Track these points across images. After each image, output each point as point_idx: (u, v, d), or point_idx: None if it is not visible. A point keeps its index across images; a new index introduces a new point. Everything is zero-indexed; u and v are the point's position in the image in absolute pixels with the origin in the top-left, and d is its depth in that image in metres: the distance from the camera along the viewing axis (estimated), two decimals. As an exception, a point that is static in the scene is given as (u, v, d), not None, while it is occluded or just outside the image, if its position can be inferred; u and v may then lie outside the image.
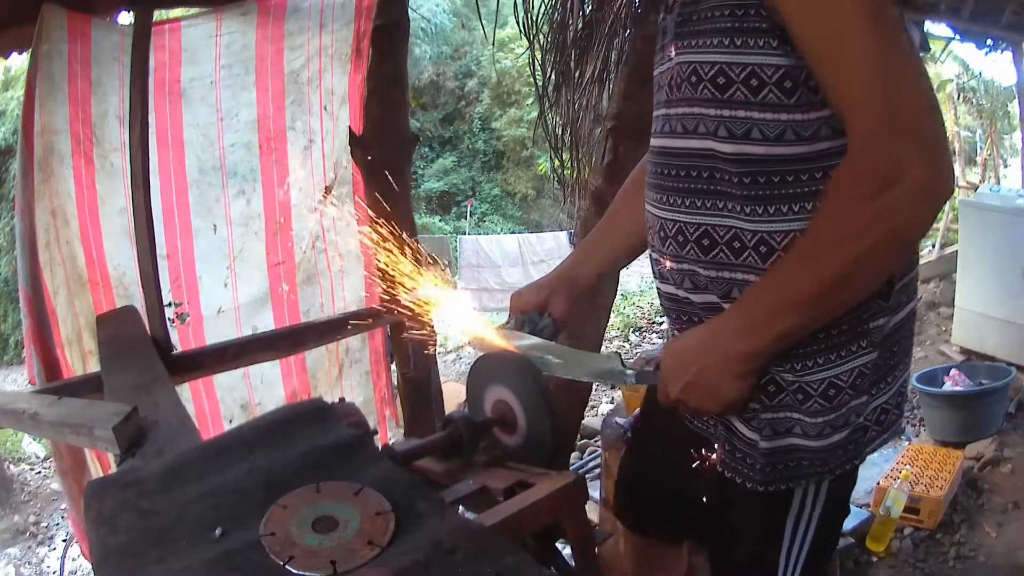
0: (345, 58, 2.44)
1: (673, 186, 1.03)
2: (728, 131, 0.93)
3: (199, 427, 2.40)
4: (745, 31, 0.88)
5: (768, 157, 0.91)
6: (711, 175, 0.97)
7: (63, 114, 1.99)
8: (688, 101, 0.97)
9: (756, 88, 0.89)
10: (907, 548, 2.78)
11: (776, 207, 0.93)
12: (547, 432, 1.10)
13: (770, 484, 1.02)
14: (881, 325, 0.97)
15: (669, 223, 1.04)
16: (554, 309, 1.28)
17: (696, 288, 1.03)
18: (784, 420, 0.99)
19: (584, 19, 3.20)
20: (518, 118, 16.96)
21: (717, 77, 0.92)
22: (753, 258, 0.95)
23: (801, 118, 0.89)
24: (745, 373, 0.94)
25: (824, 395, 0.97)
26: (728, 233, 0.97)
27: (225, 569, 0.68)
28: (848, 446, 1.00)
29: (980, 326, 4.34)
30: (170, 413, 1.14)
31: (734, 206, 0.95)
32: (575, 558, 1.00)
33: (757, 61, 0.88)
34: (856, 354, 0.97)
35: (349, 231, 2.60)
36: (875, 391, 1.01)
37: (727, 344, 0.93)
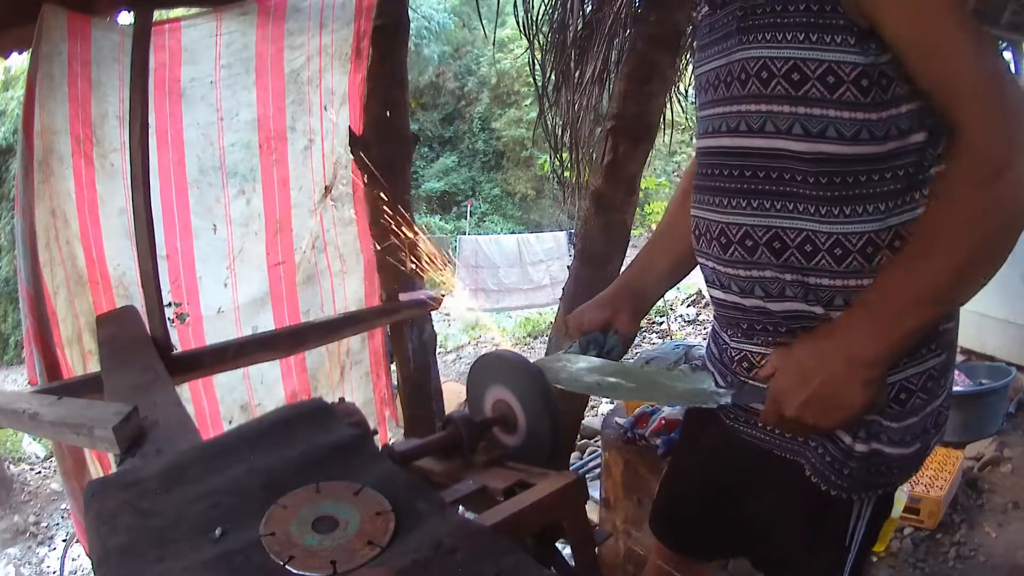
0: (345, 58, 2.44)
1: (734, 187, 0.99)
2: (803, 129, 0.90)
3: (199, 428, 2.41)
4: (823, 27, 0.87)
5: (843, 156, 0.90)
6: (780, 175, 0.94)
7: (63, 114, 1.99)
8: (755, 98, 0.94)
9: (833, 85, 0.88)
10: (907, 548, 2.78)
11: (852, 208, 0.91)
12: (547, 432, 1.10)
13: (858, 491, 1.00)
14: (951, 328, 0.98)
15: (733, 227, 1.00)
16: (620, 326, 1.22)
17: (768, 296, 0.99)
18: (874, 423, 0.97)
19: (584, 19, 3.20)
20: (518, 118, 16.97)
21: (791, 73, 0.89)
22: (827, 261, 0.93)
23: (875, 117, 0.88)
24: (871, 379, 0.89)
25: (896, 399, 0.96)
26: (800, 235, 0.94)
27: (225, 569, 0.68)
28: (923, 452, 1.01)
29: (980, 326, 4.34)
30: (170, 413, 1.14)
31: (807, 207, 0.93)
32: (575, 558, 1.00)
33: (835, 58, 0.87)
34: (926, 357, 0.96)
35: (349, 231, 2.60)
36: (939, 393, 1.01)
37: (853, 349, 0.88)
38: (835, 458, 1.00)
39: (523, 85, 16.03)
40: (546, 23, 3.33)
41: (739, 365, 1.10)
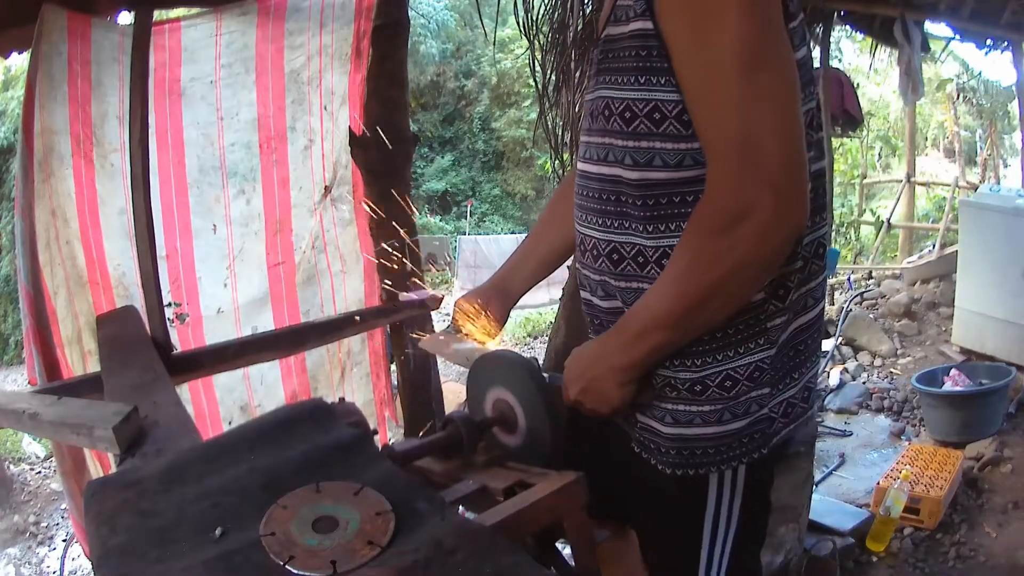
0: (345, 58, 2.44)
1: (589, 206, 1.13)
2: (632, 160, 1.01)
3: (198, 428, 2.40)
4: (649, 70, 0.96)
5: (668, 181, 1.00)
6: (618, 198, 1.06)
7: (63, 114, 1.99)
8: (602, 132, 1.06)
9: (658, 121, 0.98)
10: (907, 548, 2.78)
11: (676, 224, 1.01)
12: (547, 432, 1.10)
13: (678, 468, 1.09)
14: (779, 324, 1.05)
15: (587, 239, 1.15)
16: (491, 315, 1.40)
17: (607, 296, 1.13)
18: (684, 412, 1.07)
19: (584, 19, 3.20)
20: (518, 118, 16.97)
21: (624, 112, 1.01)
22: (655, 270, 1.04)
23: (697, 146, 0.97)
24: (625, 382, 1.05)
25: (721, 386, 1.05)
26: (633, 249, 1.06)
27: (225, 569, 0.68)
28: (753, 434, 1.08)
29: (980, 326, 4.34)
30: (170, 413, 1.14)
31: (636, 225, 1.04)
32: (575, 558, 1.00)
33: (659, 97, 0.97)
34: (753, 351, 1.04)
35: (349, 231, 2.60)
36: (781, 385, 1.08)
37: (609, 357, 1.05)
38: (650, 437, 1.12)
39: (523, 85, 16.03)
40: (546, 23, 3.33)
41: None
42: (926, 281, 5.73)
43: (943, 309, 5.16)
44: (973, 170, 12.62)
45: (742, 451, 1.08)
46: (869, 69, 9.15)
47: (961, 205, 4.84)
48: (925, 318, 5.26)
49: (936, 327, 5.09)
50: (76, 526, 2.11)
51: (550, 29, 3.31)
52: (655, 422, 1.10)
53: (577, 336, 2.70)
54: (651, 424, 1.11)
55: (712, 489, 1.12)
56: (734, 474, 1.11)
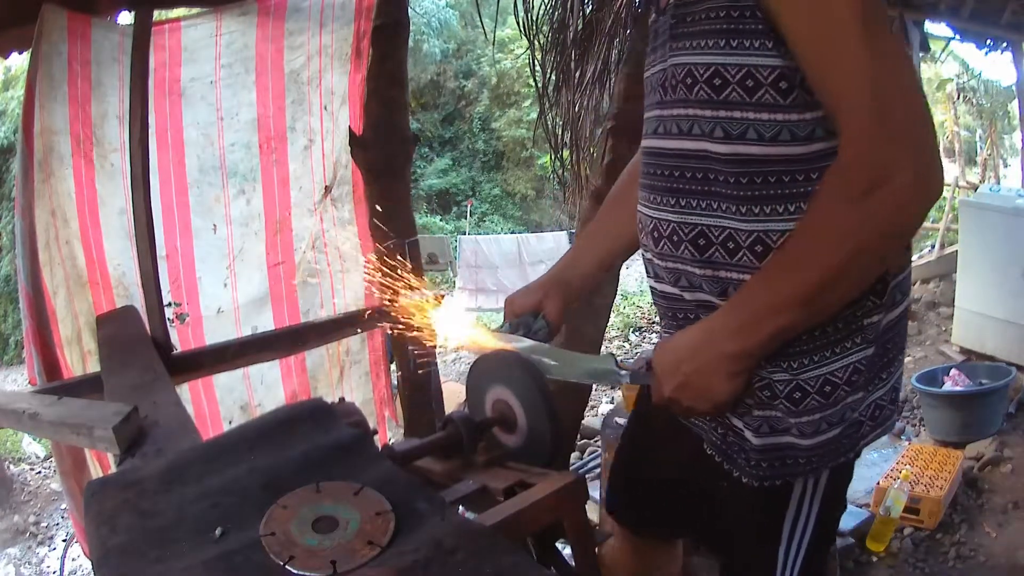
0: (345, 58, 2.44)
1: (667, 186, 1.03)
2: (724, 132, 0.93)
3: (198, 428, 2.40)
4: (741, 32, 0.89)
5: (763, 157, 0.92)
6: (705, 176, 0.97)
7: (63, 114, 1.99)
8: (683, 103, 0.97)
9: (752, 89, 0.90)
10: (907, 548, 2.78)
11: (772, 207, 0.93)
12: (547, 432, 1.10)
13: (764, 480, 1.03)
14: (876, 322, 0.98)
15: (663, 223, 1.05)
16: (548, 311, 1.28)
17: (691, 287, 1.04)
18: (779, 419, 1.00)
19: (584, 19, 3.20)
20: (518, 118, 16.97)
21: (713, 78, 0.92)
22: (748, 257, 0.96)
23: (797, 118, 0.89)
24: (736, 372, 0.94)
25: (820, 392, 0.98)
26: (723, 233, 0.97)
27: (225, 569, 0.68)
28: (843, 440, 1.01)
29: (980, 326, 4.34)
30: (170, 413, 1.14)
31: (728, 206, 0.96)
32: (575, 558, 1.00)
33: (753, 62, 0.89)
34: (851, 350, 0.97)
35: (349, 231, 2.60)
36: (871, 387, 1.02)
37: (719, 344, 0.93)
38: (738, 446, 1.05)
39: (523, 85, 16.02)
40: (546, 23, 3.33)
41: None
42: (926, 281, 5.73)
43: (943, 309, 5.16)
44: (973, 170, 12.63)
45: (831, 458, 1.02)
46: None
47: (961, 205, 4.83)
48: (925, 318, 5.25)
49: (936, 327, 5.08)
50: (76, 526, 2.11)
51: (550, 29, 3.31)
52: (747, 430, 1.02)
53: (577, 336, 2.69)
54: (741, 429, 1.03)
55: (795, 496, 1.06)
56: (816, 479, 1.06)
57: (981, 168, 12.36)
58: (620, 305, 8.41)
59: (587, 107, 3.33)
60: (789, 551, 1.09)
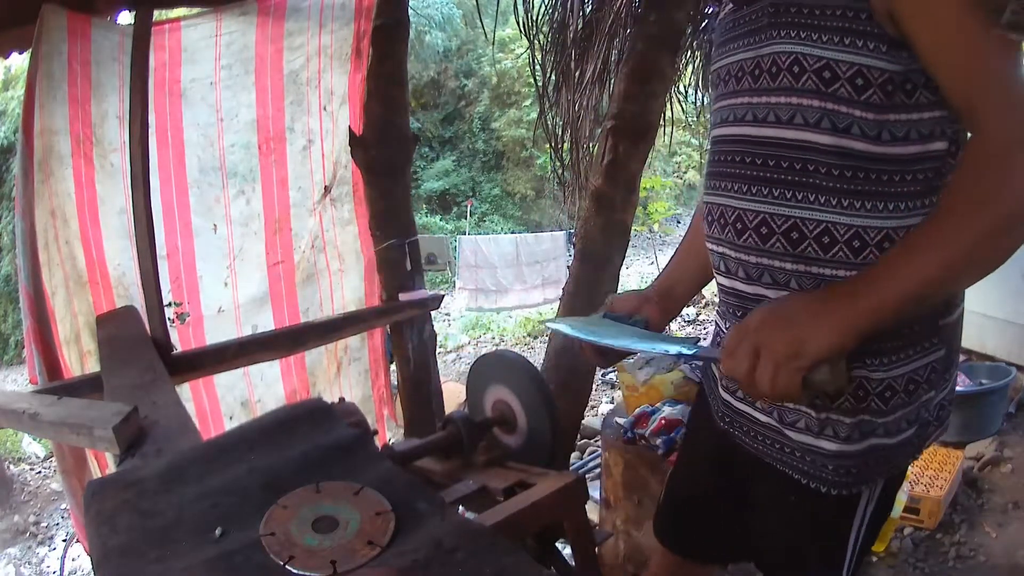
0: (345, 58, 2.44)
1: (756, 175, 1.00)
2: (831, 123, 0.93)
3: (200, 425, 2.41)
4: (856, 32, 0.90)
5: (866, 153, 0.92)
6: (804, 166, 0.96)
7: (63, 114, 1.99)
8: (785, 91, 0.96)
9: (861, 87, 0.91)
10: (907, 548, 2.78)
11: (872, 203, 0.93)
12: (547, 432, 1.10)
13: (853, 486, 1.02)
14: (949, 323, 1.01)
15: (749, 213, 1.01)
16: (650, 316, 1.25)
17: (775, 283, 1.00)
18: (867, 423, 0.99)
19: (584, 19, 3.20)
20: (518, 118, 16.98)
21: (823, 71, 0.92)
22: (844, 253, 0.95)
23: (894, 119, 0.91)
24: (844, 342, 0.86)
25: (906, 390, 0.99)
26: (819, 227, 0.95)
27: (225, 569, 0.68)
28: (915, 440, 1.03)
29: (980, 326, 4.33)
30: (170, 413, 1.14)
31: (828, 199, 0.94)
32: (575, 558, 1.00)
33: (866, 62, 0.90)
34: (929, 351, 0.99)
35: (349, 231, 2.60)
36: (940, 387, 1.03)
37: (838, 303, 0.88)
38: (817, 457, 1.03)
39: (523, 85, 16.03)
40: (546, 23, 3.33)
41: None
42: (926, 281, 5.73)
43: (943, 309, 5.16)
44: (973, 170, 12.60)
45: (903, 459, 1.03)
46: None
47: (961, 205, 4.84)
48: (925, 318, 5.25)
49: (936, 327, 5.08)
50: (77, 524, 2.11)
51: (550, 29, 3.31)
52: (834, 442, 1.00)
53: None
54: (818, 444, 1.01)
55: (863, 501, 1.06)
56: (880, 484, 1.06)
57: (981, 168, 12.34)
58: (620, 305, 8.39)
59: (587, 107, 3.33)
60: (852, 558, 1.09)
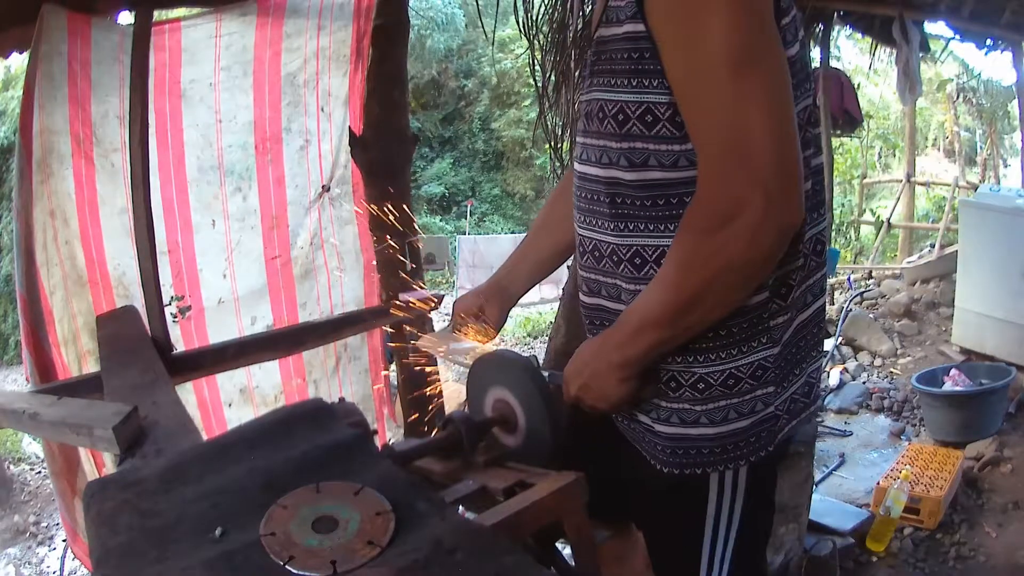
0: (343, 60, 2.44)
1: (587, 207, 1.12)
2: (628, 160, 1.01)
3: (199, 412, 2.41)
4: (641, 72, 0.97)
5: (665, 181, 1.00)
6: (612, 199, 1.06)
7: (63, 114, 1.99)
8: (597, 134, 1.06)
9: (651, 123, 0.98)
10: (907, 548, 2.78)
11: (676, 224, 1.00)
12: (547, 432, 1.10)
13: (675, 468, 1.09)
14: (782, 323, 1.04)
15: (587, 240, 1.14)
16: (488, 316, 1.40)
17: (611, 298, 1.13)
18: (688, 411, 1.06)
19: (584, 19, 3.20)
20: (518, 118, 16.99)
21: (618, 114, 1.00)
22: (654, 270, 1.04)
23: (691, 147, 0.96)
24: (624, 378, 1.04)
25: (724, 384, 1.04)
26: (630, 250, 1.06)
27: (225, 569, 0.68)
28: (760, 433, 1.07)
29: (980, 326, 4.34)
30: (170, 413, 1.14)
31: (636, 225, 1.04)
32: (575, 558, 1.00)
33: (651, 99, 0.97)
34: (756, 349, 1.04)
35: (348, 230, 2.60)
36: (785, 383, 1.07)
37: (608, 354, 1.04)
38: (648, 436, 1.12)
39: (523, 85, 16.03)
40: (546, 23, 3.33)
41: None
42: (926, 281, 5.73)
43: (943, 309, 5.16)
44: (973, 170, 12.63)
45: (747, 450, 1.07)
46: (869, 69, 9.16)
47: (961, 205, 4.84)
48: (925, 318, 5.26)
49: (936, 327, 5.09)
50: (66, 526, 2.10)
51: (550, 29, 3.31)
52: (656, 422, 1.09)
53: (577, 336, 2.70)
54: (650, 424, 1.11)
55: (713, 489, 1.11)
56: (735, 474, 1.10)
57: (981, 168, 12.37)
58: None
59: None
60: (715, 549, 1.13)
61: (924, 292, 5.54)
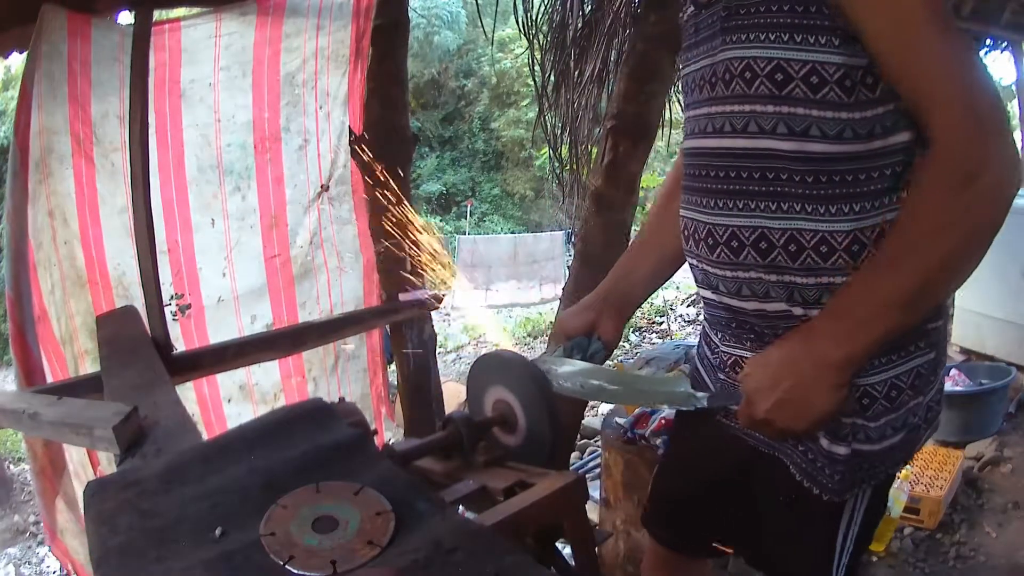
0: (341, 60, 2.45)
1: (721, 188, 0.99)
2: (788, 128, 0.91)
3: (199, 408, 2.40)
4: (807, 28, 0.87)
5: (828, 155, 0.90)
6: (763, 175, 0.94)
7: (63, 114, 1.99)
8: (739, 98, 0.94)
9: (816, 86, 0.88)
10: (907, 548, 2.78)
11: (838, 206, 0.92)
12: (547, 432, 1.10)
13: (844, 493, 1.01)
14: (938, 326, 0.99)
15: (719, 228, 1.00)
16: (603, 331, 1.23)
17: (754, 295, 1.00)
18: (850, 426, 0.98)
19: (584, 19, 3.20)
20: (517, 118, 17.00)
21: (775, 73, 0.90)
22: (813, 259, 0.94)
23: (859, 116, 0.89)
24: (840, 383, 0.90)
25: (887, 396, 0.97)
26: (785, 235, 0.94)
27: (225, 569, 0.68)
28: (904, 445, 1.01)
29: (980, 326, 4.34)
30: (170, 413, 1.13)
31: (792, 205, 0.93)
32: (575, 558, 1.00)
33: (819, 59, 0.88)
34: (914, 354, 0.98)
35: (348, 230, 2.61)
36: (928, 390, 1.02)
37: (823, 353, 0.89)
38: (818, 459, 1.01)
39: (523, 85, 16.05)
40: (546, 23, 3.33)
41: (731, 369, 1.11)
42: (926, 281, 5.73)
43: (943, 309, 5.16)
44: (973, 170, 12.60)
45: (891, 465, 1.02)
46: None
47: (961, 205, 4.83)
48: (925, 318, 5.25)
49: (936, 327, 5.08)
50: (45, 525, 2.09)
51: (550, 29, 3.31)
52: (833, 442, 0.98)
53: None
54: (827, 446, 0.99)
55: (848, 505, 1.05)
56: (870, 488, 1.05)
57: (981, 168, 12.34)
58: (620, 305, 8.39)
59: (586, 107, 3.33)
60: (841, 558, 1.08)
61: (924, 292, 5.53)
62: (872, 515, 1.09)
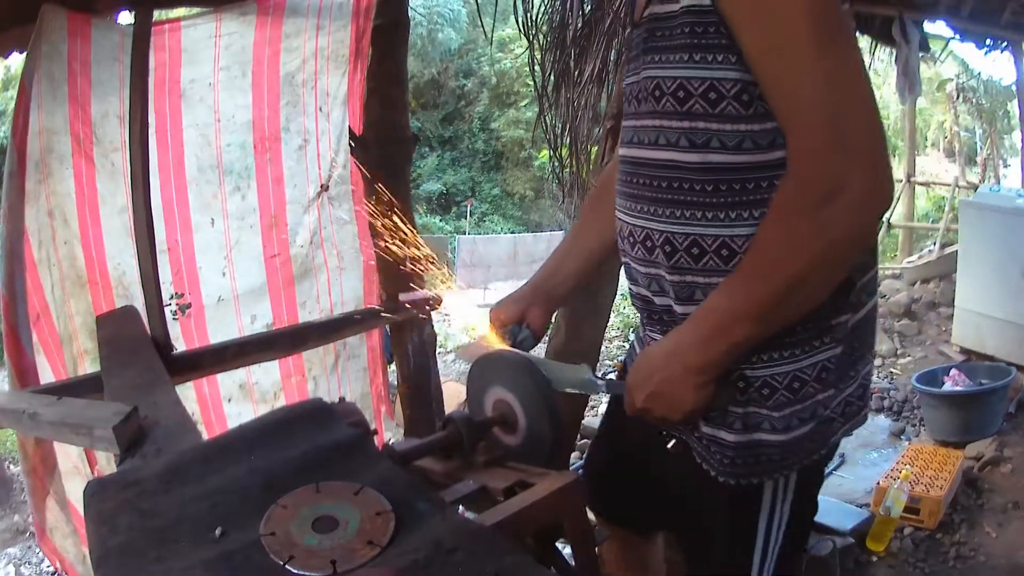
0: (341, 60, 2.44)
1: (640, 194, 1.07)
2: (689, 141, 0.96)
3: (199, 407, 2.40)
4: (705, 47, 0.92)
5: (728, 165, 0.95)
6: (669, 184, 1.01)
7: (63, 114, 1.99)
8: (652, 114, 1.01)
9: (715, 101, 0.94)
10: (907, 548, 2.78)
11: (738, 212, 0.97)
12: (547, 432, 1.10)
13: (740, 478, 1.05)
14: (844, 322, 1.02)
15: (637, 229, 1.08)
16: (531, 321, 1.32)
17: (660, 291, 1.08)
18: (753, 415, 1.02)
19: (584, 18, 3.20)
20: (517, 118, 17.01)
21: (678, 91, 0.96)
22: (714, 261, 0.99)
23: (758, 128, 0.93)
24: (702, 384, 0.97)
25: (789, 388, 1.01)
26: (687, 240, 1.00)
27: (225, 569, 0.68)
28: (814, 436, 1.04)
29: (980, 326, 4.34)
30: (170, 413, 1.13)
31: (694, 213, 0.99)
32: (575, 558, 1.00)
33: (716, 75, 0.93)
34: (819, 349, 1.01)
35: (347, 230, 2.61)
36: (841, 384, 1.05)
37: (684, 357, 0.97)
38: (707, 442, 1.06)
39: (523, 85, 16.06)
40: (546, 23, 3.33)
41: None
42: (926, 281, 5.73)
43: (943, 309, 5.16)
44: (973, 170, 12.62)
45: (803, 455, 1.04)
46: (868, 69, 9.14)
47: (961, 205, 4.84)
48: (925, 318, 5.26)
49: (936, 327, 5.09)
50: (35, 523, 2.09)
51: (550, 29, 3.31)
52: (721, 428, 1.04)
53: (577, 336, 2.69)
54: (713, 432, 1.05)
55: (767, 496, 1.08)
56: (786, 477, 1.07)
57: (981, 168, 12.36)
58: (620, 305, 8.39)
59: (586, 107, 3.33)
60: (766, 552, 1.11)
61: (924, 292, 5.54)
62: (801, 507, 1.11)
